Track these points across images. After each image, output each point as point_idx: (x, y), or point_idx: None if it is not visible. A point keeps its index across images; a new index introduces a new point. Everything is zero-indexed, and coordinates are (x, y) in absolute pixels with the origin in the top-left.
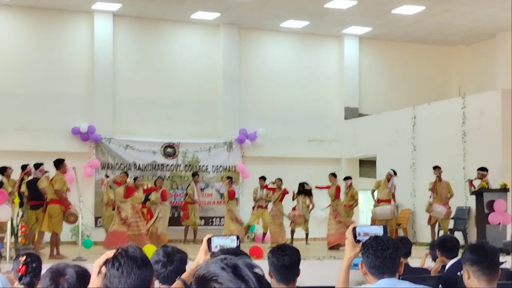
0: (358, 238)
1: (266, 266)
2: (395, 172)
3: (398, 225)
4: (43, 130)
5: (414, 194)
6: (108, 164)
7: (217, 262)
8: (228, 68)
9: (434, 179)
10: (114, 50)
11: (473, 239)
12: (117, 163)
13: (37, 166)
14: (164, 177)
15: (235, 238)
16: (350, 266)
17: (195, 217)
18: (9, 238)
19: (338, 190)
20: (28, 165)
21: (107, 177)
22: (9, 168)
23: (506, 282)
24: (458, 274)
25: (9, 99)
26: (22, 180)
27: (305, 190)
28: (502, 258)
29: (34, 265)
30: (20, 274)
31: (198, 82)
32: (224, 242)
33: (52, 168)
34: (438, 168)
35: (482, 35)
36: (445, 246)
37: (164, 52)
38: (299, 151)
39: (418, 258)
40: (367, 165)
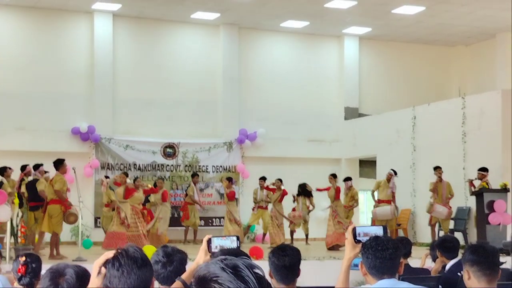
0: (358, 238)
1: (266, 266)
2: (395, 172)
3: (398, 225)
4: (43, 130)
5: (414, 195)
6: (108, 164)
7: (217, 263)
8: (228, 68)
9: (435, 180)
10: (114, 50)
11: (473, 240)
12: (117, 163)
13: (36, 167)
14: (164, 177)
15: (235, 238)
16: (350, 267)
17: (195, 217)
18: (8, 239)
19: (338, 192)
20: (27, 165)
21: (107, 177)
22: (9, 168)
23: (506, 283)
24: (458, 274)
25: (9, 99)
26: (22, 180)
27: (305, 191)
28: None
29: (33, 265)
30: (19, 274)
31: (198, 82)
32: (224, 243)
33: (52, 168)
34: (439, 168)
35: (482, 36)
36: (445, 247)
37: (164, 52)
38: (299, 151)
39: (418, 258)
40: (367, 165)
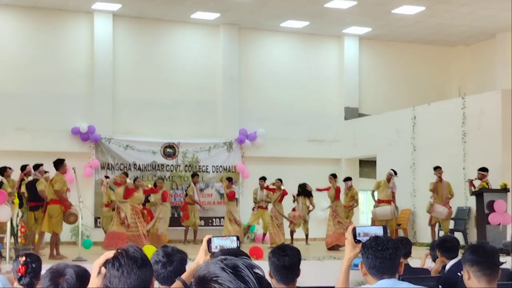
0: (358, 238)
1: (266, 266)
2: (395, 172)
3: (398, 225)
4: (43, 130)
5: (414, 195)
6: (108, 164)
7: (217, 263)
8: (228, 68)
9: (435, 180)
10: (114, 50)
11: (473, 240)
12: (117, 163)
13: (36, 167)
14: (164, 177)
15: (235, 238)
16: (350, 267)
17: (195, 217)
18: (8, 239)
19: (338, 192)
20: (27, 165)
21: (107, 178)
22: (9, 168)
23: (506, 283)
24: (458, 274)
25: (9, 99)
26: (22, 180)
27: (305, 191)
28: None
29: (33, 265)
30: (19, 274)
31: (198, 82)
32: (224, 243)
33: (52, 168)
34: (439, 168)
35: (482, 36)
36: (445, 247)
37: (164, 52)
38: (299, 151)
39: (418, 258)
40: (367, 165)
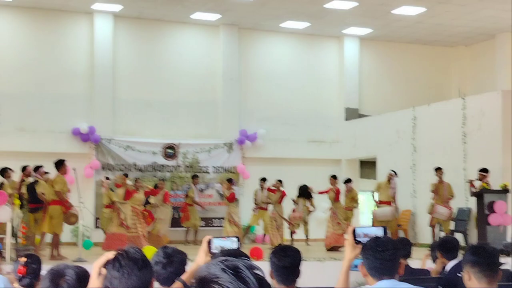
0: (358, 239)
1: (266, 267)
2: (395, 172)
3: (398, 226)
4: (43, 131)
5: (414, 195)
6: (108, 165)
7: (217, 264)
8: (228, 68)
9: (436, 181)
10: (114, 51)
11: (473, 241)
12: (117, 164)
13: (36, 169)
14: (164, 178)
15: (236, 239)
16: (350, 267)
17: (196, 219)
18: (9, 239)
19: (338, 193)
20: (28, 166)
21: (107, 179)
22: (9, 169)
23: (506, 284)
24: (459, 275)
25: (9, 100)
26: (22, 181)
27: (305, 193)
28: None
29: (34, 266)
30: (20, 275)
31: (198, 83)
32: (224, 244)
33: (52, 169)
34: (439, 169)
35: (482, 36)
36: (445, 247)
37: (164, 53)
38: (299, 152)
39: (418, 259)
40: (368, 166)
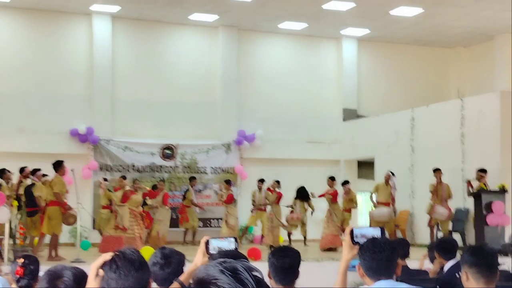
0: (356, 240)
1: (264, 267)
2: (393, 173)
3: (396, 226)
4: (42, 131)
5: (412, 196)
6: (106, 165)
7: (216, 265)
8: (226, 69)
9: (435, 182)
10: (112, 52)
11: (471, 241)
12: (115, 165)
13: (33, 172)
14: (162, 178)
15: (233, 240)
16: (347, 268)
17: (194, 220)
18: (7, 240)
19: (336, 195)
20: (26, 167)
21: (105, 180)
22: (8, 171)
23: (505, 284)
24: (457, 275)
25: (7, 101)
26: (21, 182)
27: (302, 195)
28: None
29: (31, 267)
30: (17, 276)
31: (197, 83)
32: (222, 244)
33: (50, 169)
34: (438, 170)
35: (481, 37)
36: (443, 248)
37: (162, 54)
38: (298, 153)
39: (416, 259)
40: (366, 166)
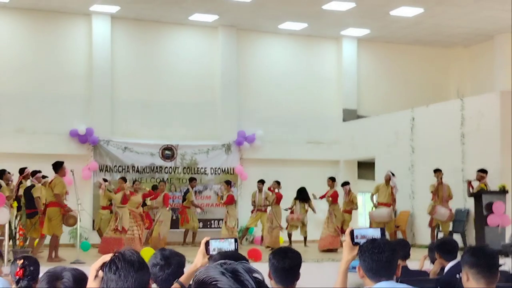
0: (356, 240)
1: (264, 268)
2: (393, 173)
3: (396, 227)
4: (41, 132)
5: (413, 196)
6: (106, 166)
7: (217, 267)
8: (226, 70)
9: (436, 182)
10: (112, 52)
11: (472, 241)
12: (115, 166)
13: (33, 174)
14: (162, 179)
15: (233, 241)
16: (347, 269)
17: (194, 221)
18: (7, 241)
19: (336, 196)
20: (26, 168)
21: (106, 181)
22: (8, 173)
23: (505, 284)
24: (457, 276)
25: (7, 101)
26: (20, 183)
27: (302, 196)
28: (501, 260)
29: (31, 268)
30: (17, 277)
31: (197, 84)
32: (221, 245)
33: (51, 170)
34: (439, 171)
35: (481, 37)
36: (443, 248)
37: (162, 54)
38: (298, 153)
39: (417, 260)
40: (366, 167)
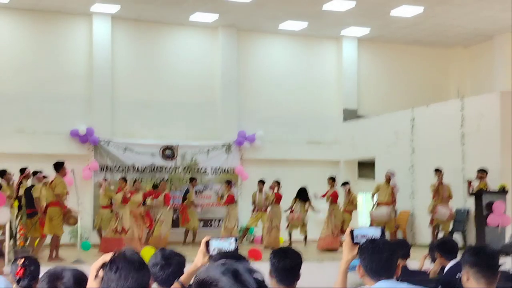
0: (356, 240)
1: (265, 268)
2: (393, 173)
3: (397, 227)
4: (42, 132)
5: (413, 196)
6: (106, 166)
7: (217, 267)
8: (226, 70)
9: (436, 182)
10: (112, 52)
11: (472, 241)
12: (115, 166)
13: (34, 174)
14: (162, 179)
15: (233, 240)
16: (347, 269)
17: (194, 220)
18: (7, 241)
19: (336, 196)
20: (26, 168)
21: (106, 180)
22: (8, 173)
23: (505, 284)
24: (457, 276)
25: (8, 101)
26: (21, 183)
27: (302, 195)
28: (501, 260)
29: (32, 268)
30: (18, 277)
31: (197, 84)
32: (222, 245)
33: (51, 170)
34: (439, 171)
35: (481, 37)
36: (444, 248)
37: (162, 54)
38: (298, 153)
39: (417, 260)
40: (366, 167)
